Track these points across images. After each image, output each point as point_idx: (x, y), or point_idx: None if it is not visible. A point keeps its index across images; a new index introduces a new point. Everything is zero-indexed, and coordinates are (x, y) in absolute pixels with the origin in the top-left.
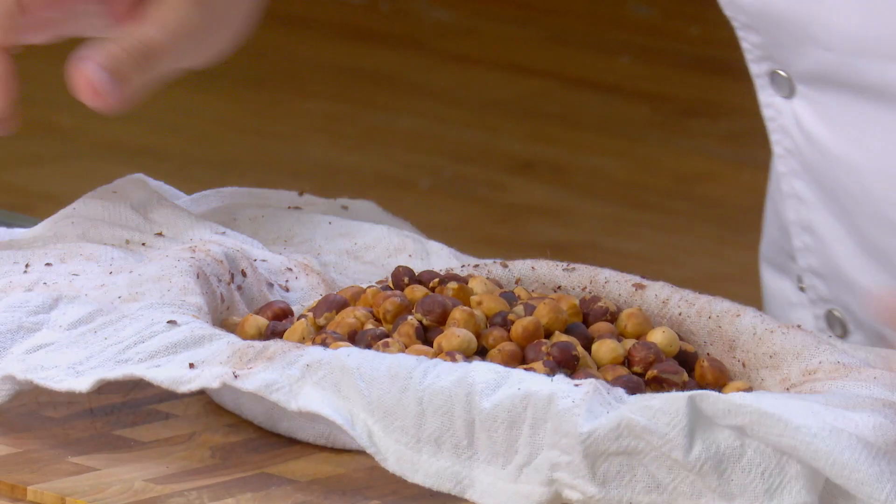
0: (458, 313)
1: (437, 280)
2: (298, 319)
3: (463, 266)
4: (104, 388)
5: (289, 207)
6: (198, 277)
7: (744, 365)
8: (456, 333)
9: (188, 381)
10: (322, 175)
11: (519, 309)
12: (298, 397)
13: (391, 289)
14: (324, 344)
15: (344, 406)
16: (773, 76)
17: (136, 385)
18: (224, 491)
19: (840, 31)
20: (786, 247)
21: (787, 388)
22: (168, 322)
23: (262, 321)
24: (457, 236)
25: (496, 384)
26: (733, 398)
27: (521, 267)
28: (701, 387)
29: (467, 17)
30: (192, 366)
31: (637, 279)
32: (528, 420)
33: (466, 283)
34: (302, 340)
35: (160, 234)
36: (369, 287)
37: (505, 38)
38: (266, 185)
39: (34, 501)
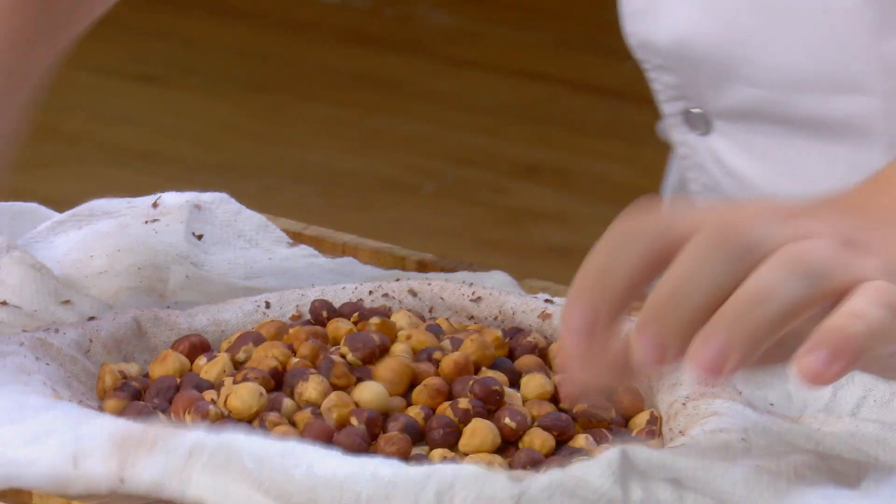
0: (383, 368)
1: (357, 314)
2: (212, 354)
3: (370, 293)
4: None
5: (146, 222)
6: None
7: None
8: (371, 388)
9: (74, 481)
10: (325, 179)
11: (446, 343)
12: (189, 487)
13: (311, 322)
14: (245, 380)
15: (237, 491)
16: (687, 114)
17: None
18: None
19: (772, 68)
20: None
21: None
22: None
23: (183, 359)
24: (460, 240)
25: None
26: (664, 455)
27: (430, 296)
28: (619, 413)
29: (471, 22)
30: (75, 462)
31: (544, 307)
32: (447, 486)
33: (388, 317)
34: (221, 376)
35: (4, 304)
36: (289, 324)
37: (509, 42)
38: (269, 189)
39: None
